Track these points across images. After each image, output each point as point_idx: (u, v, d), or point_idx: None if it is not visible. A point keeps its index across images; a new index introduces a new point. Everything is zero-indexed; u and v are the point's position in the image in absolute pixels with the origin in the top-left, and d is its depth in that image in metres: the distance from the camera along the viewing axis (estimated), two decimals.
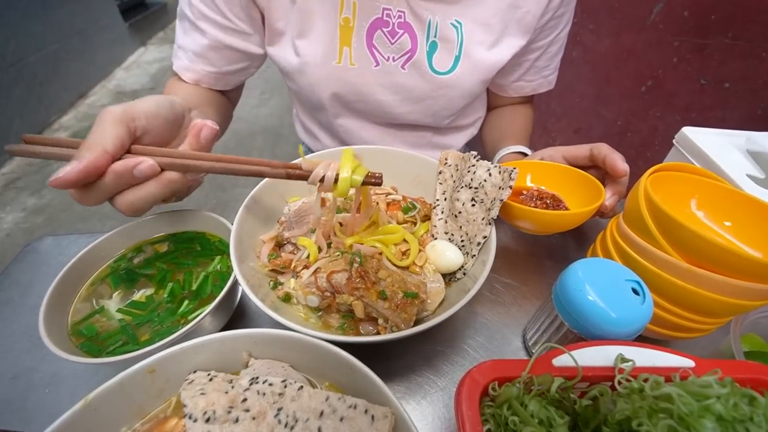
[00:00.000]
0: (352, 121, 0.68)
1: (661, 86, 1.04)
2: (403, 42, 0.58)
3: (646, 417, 0.23)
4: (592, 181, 0.49)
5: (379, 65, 0.59)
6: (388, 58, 0.59)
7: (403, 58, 0.59)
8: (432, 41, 0.58)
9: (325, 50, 0.58)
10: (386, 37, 0.57)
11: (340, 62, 0.58)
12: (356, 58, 0.58)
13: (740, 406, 0.22)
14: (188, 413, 0.28)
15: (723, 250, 0.33)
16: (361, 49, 0.58)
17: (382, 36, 0.57)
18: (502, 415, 0.28)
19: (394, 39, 0.57)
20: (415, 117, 0.66)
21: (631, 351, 0.31)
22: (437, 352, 0.44)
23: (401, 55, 0.59)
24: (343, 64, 0.59)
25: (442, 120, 0.68)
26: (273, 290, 0.43)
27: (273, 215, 0.50)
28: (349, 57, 0.58)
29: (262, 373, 0.32)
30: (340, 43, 0.57)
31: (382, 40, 0.58)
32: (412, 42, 0.58)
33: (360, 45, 0.58)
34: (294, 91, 0.70)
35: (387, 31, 0.57)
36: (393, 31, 0.57)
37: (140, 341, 0.38)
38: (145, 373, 0.30)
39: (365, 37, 0.57)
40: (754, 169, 0.48)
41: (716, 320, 0.38)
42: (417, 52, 0.58)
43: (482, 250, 0.43)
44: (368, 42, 0.58)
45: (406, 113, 0.65)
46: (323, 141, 0.77)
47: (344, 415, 0.29)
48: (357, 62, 0.59)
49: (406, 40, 0.57)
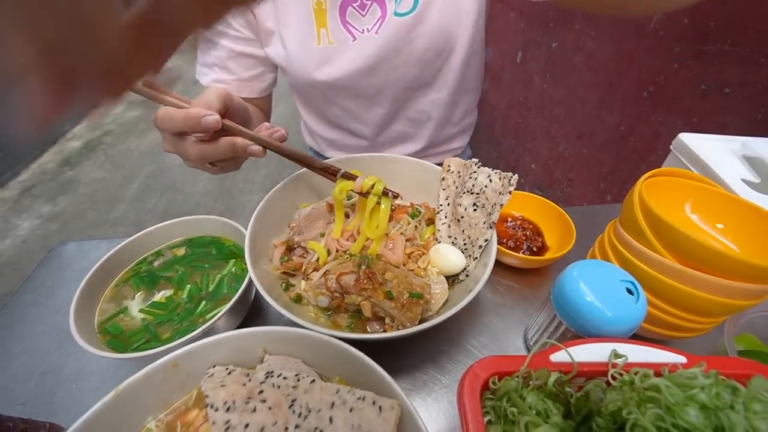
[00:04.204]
0: (348, 102, 0.70)
1: (663, 92, 1.05)
2: (373, 11, 0.61)
3: (635, 406, 0.25)
4: (564, 217, 0.56)
5: (356, 39, 0.63)
6: (363, 30, 0.62)
7: (377, 26, 0.62)
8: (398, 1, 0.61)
9: (304, 35, 0.62)
10: (357, 11, 0.61)
11: (319, 43, 0.62)
12: (333, 36, 0.62)
13: (722, 395, 0.23)
14: (210, 403, 0.31)
15: (714, 252, 0.35)
16: (337, 27, 0.62)
17: (354, 11, 0.61)
18: (502, 407, 0.30)
19: (364, 12, 0.61)
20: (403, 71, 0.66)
21: (626, 348, 0.32)
22: (442, 352, 0.46)
23: (374, 24, 0.62)
24: (322, 45, 0.62)
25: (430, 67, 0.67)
26: (285, 291, 0.46)
27: (284, 220, 0.52)
28: (327, 37, 0.62)
29: (276, 368, 0.34)
30: (317, 25, 0.62)
31: (354, 15, 0.62)
32: (381, 9, 0.61)
33: (335, 24, 0.62)
34: (292, 86, 0.73)
35: (356, 6, 0.61)
36: (362, 4, 0.61)
37: (162, 339, 0.40)
38: (169, 366, 0.33)
39: (338, 16, 0.61)
40: (750, 173, 0.50)
41: (710, 320, 0.39)
42: (387, 15, 0.61)
43: (484, 253, 0.45)
44: (342, 20, 0.62)
45: (392, 70, 0.65)
46: (328, 136, 0.78)
47: (353, 406, 0.31)
48: (335, 40, 0.62)
49: (375, 9, 0.61)
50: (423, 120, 0.74)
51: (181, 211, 0.46)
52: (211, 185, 2.23)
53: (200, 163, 0.46)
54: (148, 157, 2.54)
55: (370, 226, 0.47)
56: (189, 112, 0.41)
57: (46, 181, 2.38)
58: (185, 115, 0.41)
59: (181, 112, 0.41)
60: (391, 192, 0.48)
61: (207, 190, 2.21)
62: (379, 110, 0.71)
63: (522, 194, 0.60)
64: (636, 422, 0.24)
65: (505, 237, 0.56)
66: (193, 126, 0.41)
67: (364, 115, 0.72)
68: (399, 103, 0.71)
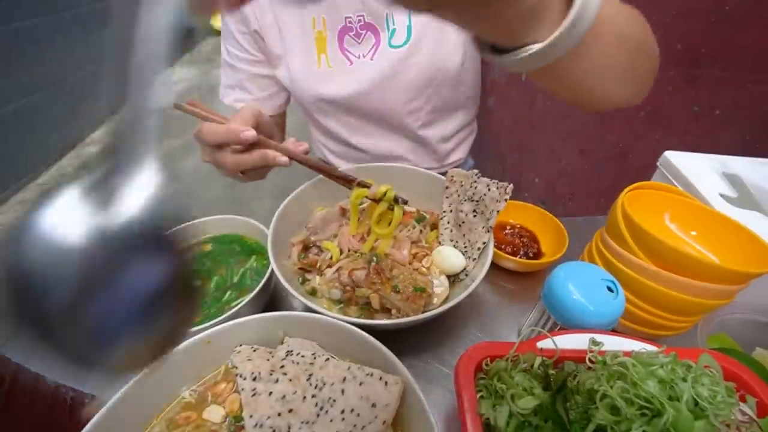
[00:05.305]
0: (348, 119, 0.77)
1: (659, 112, 1.10)
2: (368, 39, 0.68)
3: (605, 381, 0.29)
4: (559, 226, 0.60)
5: (353, 64, 0.70)
6: (359, 55, 0.69)
7: (371, 52, 0.69)
8: (392, 29, 0.68)
9: (307, 60, 0.69)
10: (353, 39, 0.69)
11: (320, 66, 0.70)
12: (333, 61, 0.69)
13: (677, 370, 0.28)
14: (239, 373, 0.35)
15: (685, 255, 0.40)
16: (335, 53, 0.69)
17: (350, 39, 0.68)
18: (493, 385, 0.34)
19: (360, 39, 0.69)
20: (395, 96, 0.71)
21: (604, 338, 0.37)
22: (442, 344, 0.50)
23: (369, 50, 0.69)
24: (322, 68, 0.70)
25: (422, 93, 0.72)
26: (301, 285, 0.51)
27: (301, 222, 0.58)
28: (327, 61, 0.69)
29: (295, 347, 0.39)
30: (317, 51, 0.69)
31: (351, 42, 0.69)
32: (376, 37, 0.68)
33: (334, 50, 0.69)
34: (298, 103, 0.80)
35: (352, 35, 0.68)
36: (357, 33, 0.68)
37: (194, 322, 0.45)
38: (203, 342, 0.37)
39: (337, 42, 0.69)
40: (728, 189, 0.54)
41: (685, 318, 0.43)
42: (381, 44, 0.68)
43: (482, 254, 0.50)
44: (340, 47, 0.69)
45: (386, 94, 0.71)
46: (332, 148, 0.85)
47: (363, 381, 0.35)
48: (333, 65, 0.70)
49: (369, 37, 0.68)
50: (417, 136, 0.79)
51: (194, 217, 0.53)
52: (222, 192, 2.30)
53: (234, 172, 0.51)
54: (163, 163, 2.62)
55: (381, 226, 0.52)
56: (230, 127, 0.47)
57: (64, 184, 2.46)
58: (226, 129, 0.47)
59: (222, 127, 0.47)
60: (401, 198, 0.53)
61: (218, 196, 2.28)
62: (374, 128, 0.78)
63: (520, 204, 0.65)
64: (605, 393, 0.29)
65: (503, 243, 0.61)
66: (233, 139, 0.47)
67: (363, 130, 0.78)
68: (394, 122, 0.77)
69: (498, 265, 0.58)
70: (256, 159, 0.49)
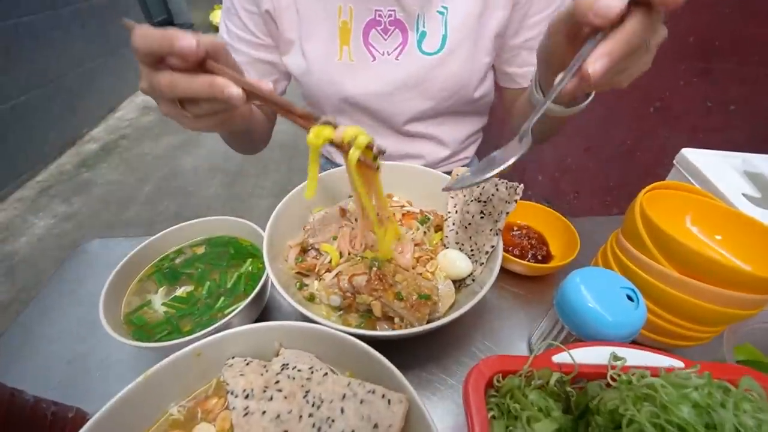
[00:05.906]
0: (359, 117, 0.73)
1: (669, 108, 1.07)
2: (394, 37, 0.65)
3: (631, 404, 0.27)
4: (569, 228, 0.58)
5: (376, 60, 0.66)
6: (383, 52, 0.66)
7: (396, 51, 0.66)
8: (422, 31, 0.64)
9: (327, 50, 0.65)
10: (380, 35, 0.65)
11: (341, 59, 0.66)
12: (355, 54, 0.66)
13: (714, 394, 0.25)
14: (230, 390, 0.33)
15: (713, 262, 0.37)
16: (359, 46, 0.65)
17: (377, 34, 0.65)
18: (505, 404, 0.31)
19: (386, 35, 0.65)
20: (417, 102, 0.69)
21: (625, 352, 0.34)
22: (448, 354, 0.48)
23: (394, 48, 0.66)
24: (343, 61, 0.66)
25: (443, 103, 0.70)
26: (299, 290, 0.48)
27: (299, 223, 0.55)
28: (349, 54, 0.65)
29: (291, 360, 0.36)
30: (340, 43, 0.65)
31: (376, 37, 0.65)
32: (403, 35, 0.65)
33: (357, 43, 0.65)
34: (306, 97, 0.76)
35: (380, 29, 0.64)
36: (385, 29, 0.64)
37: (183, 331, 0.42)
38: (193, 355, 0.35)
39: (362, 36, 0.65)
40: (751, 188, 0.51)
41: (709, 329, 0.40)
42: (408, 44, 0.65)
43: (490, 259, 0.47)
44: (365, 40, 0.65)
45: (407, 100, 0.69)
46: None
47: (364, 399, 0.33)
48: (355, 58, 0.66)
49: (397, 34, 0.65)
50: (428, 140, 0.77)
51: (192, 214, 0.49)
52: (221, 189, 2.27)
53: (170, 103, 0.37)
54: (161, 160, 2.60)
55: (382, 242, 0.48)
56: (166, 30, 0.33)
57: (64, 181, 2.44)
58: (162, 33, 0.33)
59: (158, 31, 0.33)
60: (377, 147, 0.41)
61: (217, 194, 2.25)
62: (386, 129, 0.75)
63: (528, 204, 0.62)
64: (632, 419, 0.26)
65: (510, 245, 0.58)
66: (167, 47, 0.33)
67: (371, 130, 0.74)
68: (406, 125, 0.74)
69: (505, 268, 0.55)
70: (198, 85, 0.35)
